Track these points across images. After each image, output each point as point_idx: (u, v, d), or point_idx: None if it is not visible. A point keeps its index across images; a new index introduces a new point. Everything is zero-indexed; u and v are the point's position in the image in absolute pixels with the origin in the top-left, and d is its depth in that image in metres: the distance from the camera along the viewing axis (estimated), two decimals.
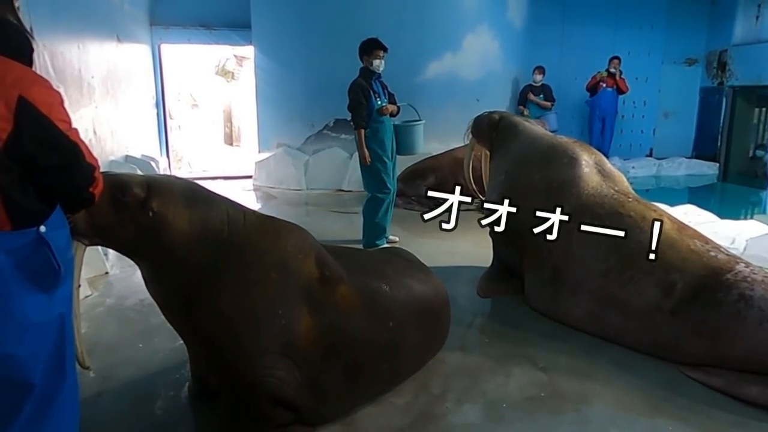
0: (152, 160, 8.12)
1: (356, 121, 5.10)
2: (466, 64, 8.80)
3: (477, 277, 4.45)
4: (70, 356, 1.83)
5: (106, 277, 4.62)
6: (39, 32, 4.55)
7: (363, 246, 5.30)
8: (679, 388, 2.98)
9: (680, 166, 11.38)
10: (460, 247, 5.44)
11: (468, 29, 8.76)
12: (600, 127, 10.60)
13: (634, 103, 11.67)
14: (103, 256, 4.68)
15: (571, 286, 3.68)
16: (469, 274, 4.59)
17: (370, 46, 5.12)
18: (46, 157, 1.62)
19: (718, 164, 11.34)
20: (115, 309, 4.03)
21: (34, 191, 1.65)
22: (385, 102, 5.21)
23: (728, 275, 3.11)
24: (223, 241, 2.34)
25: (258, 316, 2.33)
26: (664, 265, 3.28)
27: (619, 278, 3.42)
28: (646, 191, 9.46)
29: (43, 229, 1.66)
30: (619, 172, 4.03)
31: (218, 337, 2.34)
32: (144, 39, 9.06)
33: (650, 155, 11.92)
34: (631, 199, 3.70)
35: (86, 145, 1.75)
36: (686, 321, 3.13)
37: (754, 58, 10.50)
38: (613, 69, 10.28)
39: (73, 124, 1.72)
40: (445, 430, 2.65)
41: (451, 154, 7.35)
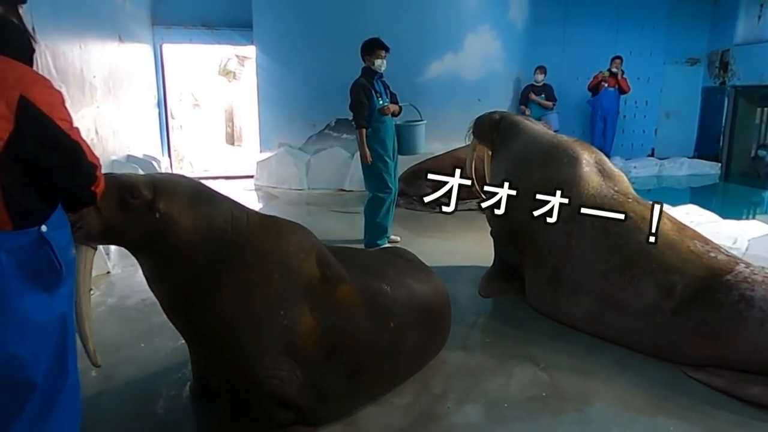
0: (154, 159, 8.13)
1: (358, 121, 5.10)
2: (468, 63, 8.79)
3: (478, 277, 4.45)
4: (72, 355, 1.83)
5: (108, 277, 4.63)
6: (41, 32, 4.56)
7: (364, 246, 5.30)
8: (680, 388, 2.98)
9: (682, 166, 11.36)
10: (461, 246, 5.44)
11: (469, 29, 8.76)
12: (602, 127, 10.60)
13: (636, 103, 11.66)
14: (105, 256, 4.69)
15: (571, 287, 3.68)
16: (470, 274, 4.59)
17: (372, 46, 5.12)
18: (48, 156, 1.62)
19: (720, 164, 11.31)
20: (116, 308, 4.04)
21: (36, 191, 1.65)
22: (386, 102, 5.21)
23: (728, 276, 3.11)
24: (227, 241, 2.34)
25: (260, 317, 2.33)
26: (664, 267, 3.28)
27: (620, 279, 3.42)
28: (648, 191, 9.46)
29: (45, 228, 1.66)
30: (620, 172, 4.02)
31: (220, 337, 2.34)
32: (146, 39, 9.07)
33: (652, 155, 11.90)
34: (631, 200, 3.70)
35: (87, 144, 1.75)
36: (687, 322, 3.12)
37: (756, 57, 10.48)
38: (615, 69, 10.27)
39: (75, 123, 1.72)
40: (447, 430, 2.65)
41: (453, 155, 7.33)
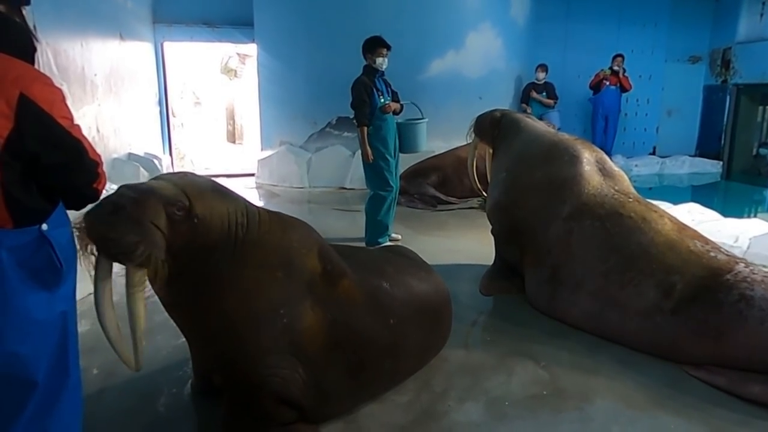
0: (155, 157, 8.14)
1: (359, 119, 5.10)
2: (469, 62, 8.78)
3: (479, 275, 4.44)
4: (74, 353, 1.83)
5: None
6: (42, 30, 4.57)
7: (365, 244, 5.30)
8: (681, 386, 2.98)
9: (683, 164, 11.35)
10: (462, 245, 5.44)
11: (471, 27, 8.74)
12: (603, 125, 10.59)
13: (638, 101, 11.63)
14: None
15: (571, 286, 3.67)
16: (471, 272, 4.59)
17: (374, 44, 5.11)
18: (49, 154, 1.62)
19: (721, 162, 11.29)
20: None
21: (37, 189, 1.65)
22: (388, 100, 5.20)
23: (728, 276, 3.10)
24: (241, 238, 2.31)
25: (262, 315, 2.33)
26: (664, 267, 3.28)
27: (620, 279, 3.41)
28: (650, 189, 9.44)
29: (45, 227, 1.66)
30: (621, 171, 4.01)
31: (223, 335, 2.34)
32: (147, 37, 9.06)
33: (653, 153, 11.88)
34: (631, 200, 3.69)
35: (89, 141, 1.75)
36: (687, 322, 3.12)
37: (758, 55, 10.46)
38: (617, 67, 10.25)
39: (76, 121, 1.72)
40: (447, 428, 2.65)
41: (454, 153, 7.34)
